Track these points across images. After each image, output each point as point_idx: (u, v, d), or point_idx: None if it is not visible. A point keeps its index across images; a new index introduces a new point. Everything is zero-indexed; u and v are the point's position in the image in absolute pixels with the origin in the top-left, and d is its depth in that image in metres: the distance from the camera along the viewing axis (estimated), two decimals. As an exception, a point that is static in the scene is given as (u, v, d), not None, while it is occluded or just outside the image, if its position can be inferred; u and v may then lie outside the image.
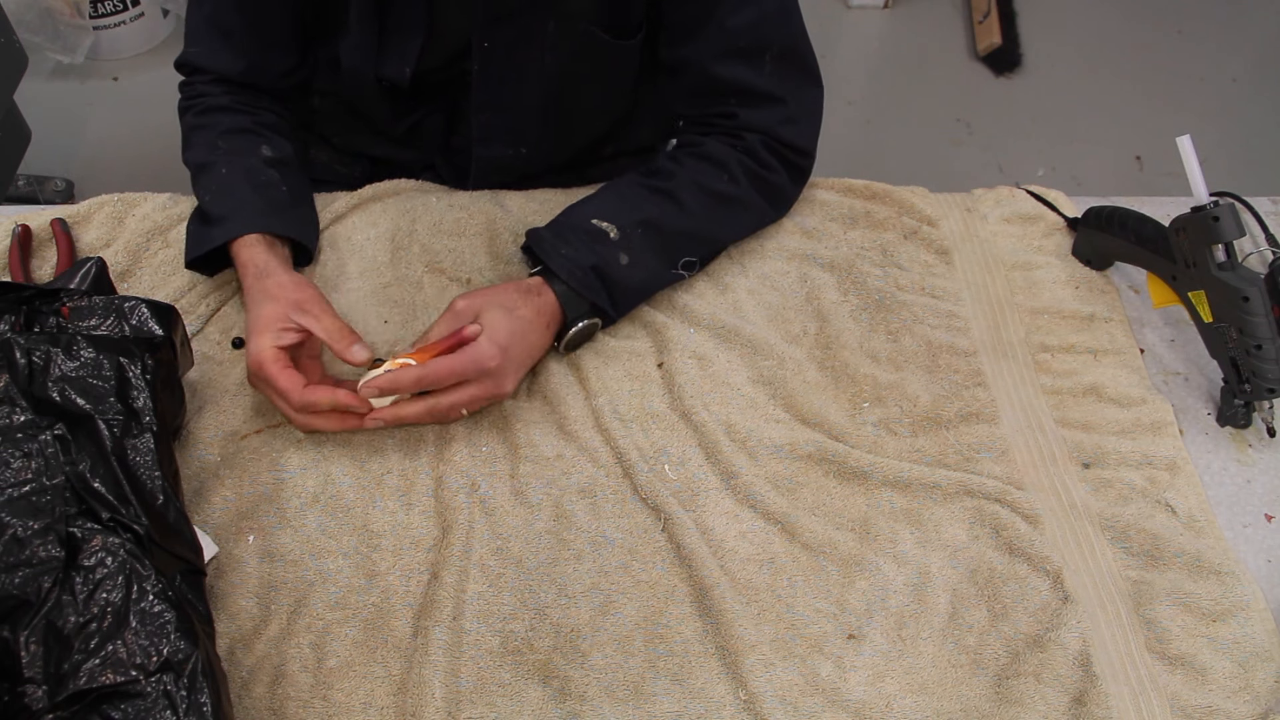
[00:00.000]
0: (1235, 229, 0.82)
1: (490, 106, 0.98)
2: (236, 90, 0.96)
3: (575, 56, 0.94)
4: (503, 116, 0.98)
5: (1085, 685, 0.72)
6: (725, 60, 0.91)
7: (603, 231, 0.88)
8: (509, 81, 0.95)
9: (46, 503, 0.63)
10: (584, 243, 0.87)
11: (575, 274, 0.85)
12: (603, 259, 0.86)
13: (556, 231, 0.88)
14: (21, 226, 0.92)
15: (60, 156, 2.08)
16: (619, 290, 0.88)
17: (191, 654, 0.61)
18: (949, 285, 0.96)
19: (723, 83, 0.93)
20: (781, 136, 0.94)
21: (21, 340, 0.68)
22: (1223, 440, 0.88)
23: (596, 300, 0.86)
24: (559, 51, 0.93)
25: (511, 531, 0.78)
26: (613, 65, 0.97)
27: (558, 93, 0.97)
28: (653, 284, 0.91)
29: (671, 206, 0.90)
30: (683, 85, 0.96)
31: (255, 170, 0.90)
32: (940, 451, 0.84)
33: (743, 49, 0.91)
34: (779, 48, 0.92)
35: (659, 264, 0.90)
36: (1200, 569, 0.78)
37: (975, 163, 2.21)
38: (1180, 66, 2.42)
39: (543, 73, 0.95)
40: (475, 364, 0.79)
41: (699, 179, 0.92)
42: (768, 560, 0.78)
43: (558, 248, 0.87)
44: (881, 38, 2.49)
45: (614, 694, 0.71)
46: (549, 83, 0.96)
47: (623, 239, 0.88)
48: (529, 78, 0.95)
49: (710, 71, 0.92)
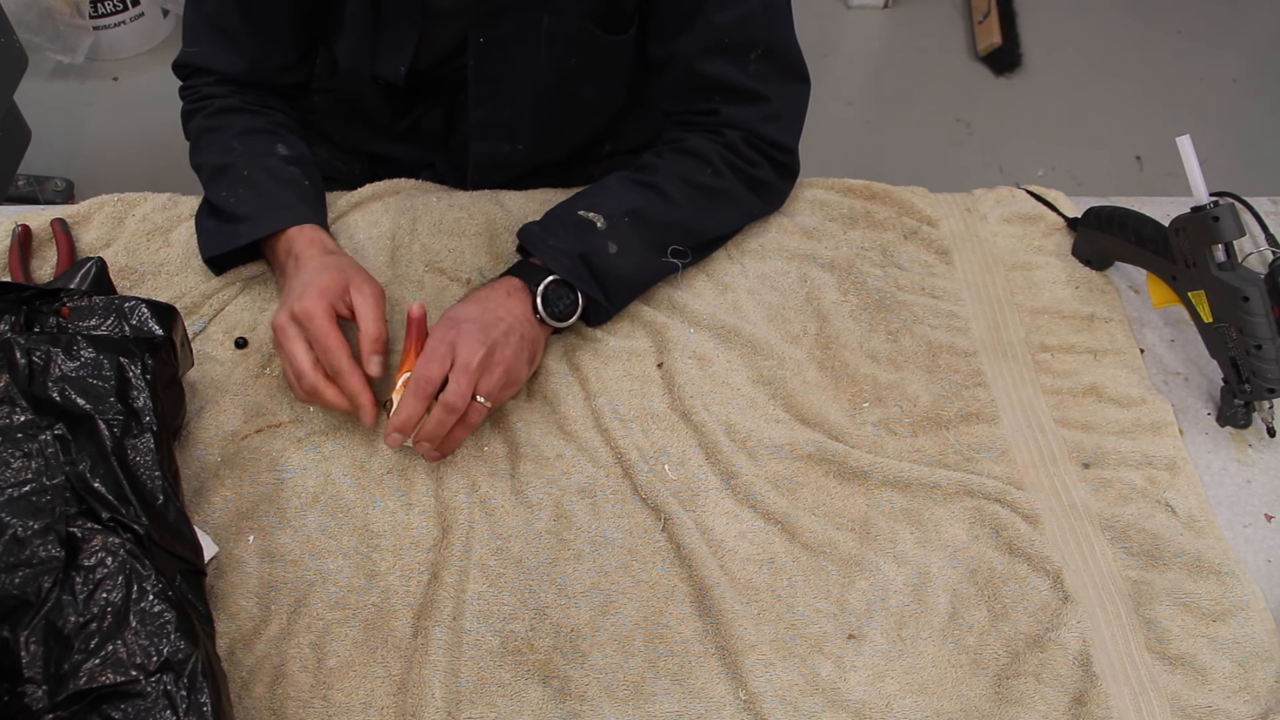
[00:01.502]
0: (1235, 229, 0.82)
1: (487, 102, 0.98)
2: (242, 90, 0.96)
3: (569, 51, 0.94)
4: (499, 112, 0.99)
5: (1085, 685, 0.72)
6: (710, 56, 0.92)
7: (589, 221, 0.88)
8: (505, 77, 0.96)
9: (46, 503, 0.63)
10: (570, 233, 0.87)
11: (563, 262, 0.85)
12: (590, 247, 0.87)
13: (544, 225, 0.89)
14: (21, 226, 0.92)
15: (60, 156, 2.08)
16: (609, 280, 0.88)
17: (191, 654, 0.61)
18: (949, 285, 0.96)
19: (707, 79, 0.93)
20: (762, 133, 0.94)
21: (21, 340, 0.68)
22: (1223, 440, 0.88)
23: (587, 289, 0.86)
24: (553, 46, 0.93)
25: (511, 531, 0.78)
26: (606, 60, 0.97)
27: (553, 88, 0.97)
28: (644, 274, 0.91)
29: (656, 198, 0.91)
30: (668, 81, 0.96)
31: (277, 169, 0.91)
32: (940, 451, 0.84)
33: (728, 46, 0.91)
34: (764, 46, 0.92)
35: (648, 253, 0.90)
36: (1200, 569, 0.78)
37: (975, 163, 2.21)
38: (1180, 66, 2.43)
39: (538, 68, 0.95)
40: (436, 337, 0.79)
41: (682, 172, 0.92)
42: (768, 560, 0.78)
43: (545, 239, 0.87)
44: (881, 38, 2.49)
45: (614, 694, 0.71)
46: (544, 78, 0.96)
47: (610, 229, 0.88)
48: (524, 73, 0.95)
49: (695, 68, 0.92)
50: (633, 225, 0.89)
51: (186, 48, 0.97)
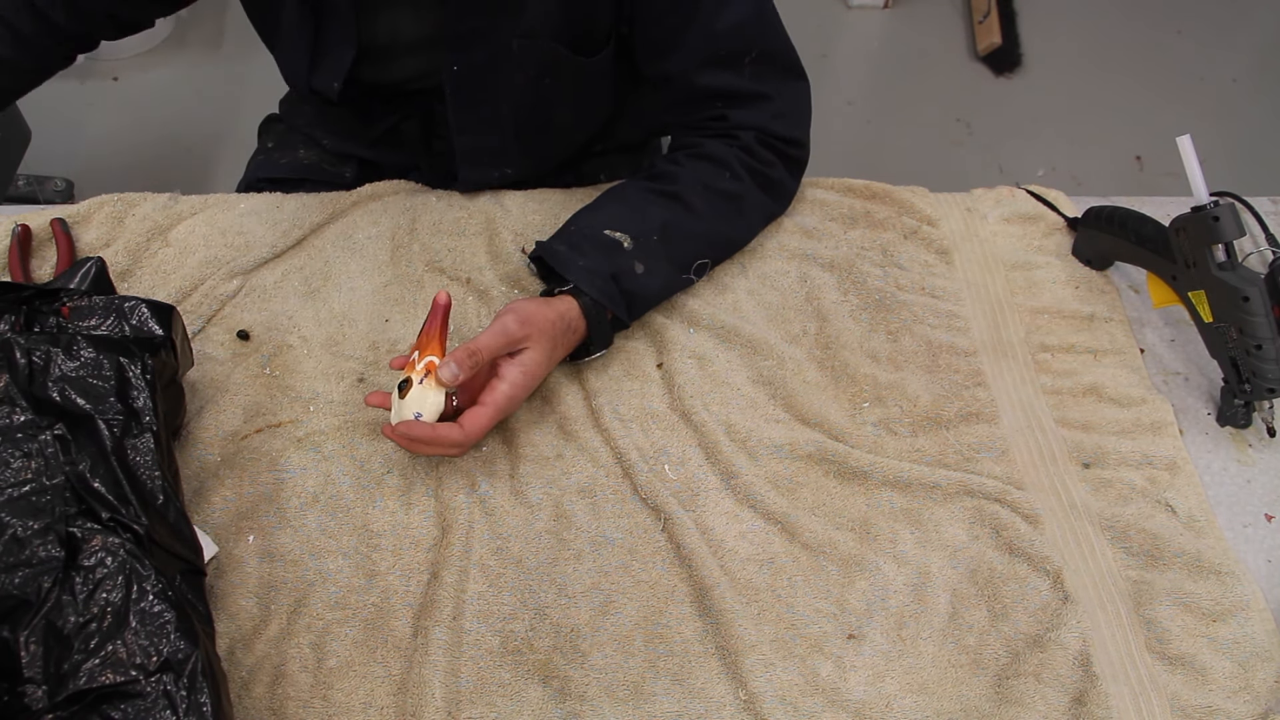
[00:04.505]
0: (1235, 229, 0.82)
1: (470, 129, 0.97)
2: None
3: (542, 74, 0.93)
4: (484, 139, 0.98)
5: (1085, 685, 0.72)
6: (707, 69, 0.92)
7: (616, 242, 0.87)
8: (484, 103, 0.95)
9: (46, 503, 0.63)
10: (599, 253, 0.86)
11: (596, 283, 0.85)
12: (619, 268, 0.86)
13: (570, 243, 0.88)
14: (21, 226, 0.92)
15: (60, 156, 2.08)
16: (635, 299, 0.88)
17: (191, 654, 0.61)
18: (949, 285, 0.96)
19: (708, 90, 0.93)
20: (774, 131, 0.94)
21: (21, 340, 0.68)
22: (1223, 440, 0.88)
23: (615, 310, 0.86)
24: (525, 70, 0.92)
25: (511, 531, 0.78)
26: (583, 81, 0.97)
27: (530, 108, 0.97)
28: (666, 292, 0.91)
29: (681, 210, 0.91)
30: (668, 97, 0.96)
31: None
32: (940, 451, 0.84)
33: (723, 56, 0.91)
34: (757, 51, 0.92)
35: (672, 271, 0.90)
36: (1200, 569, 0.78)
37: (975, 163, 2.21)
38: (1180, 66, 2.42)
39: (514, 91, 0.94)
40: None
41: (704, 179, 0.92)
42: (768, 560, 0.78)
43: (574, 259, 0.86)
44: (881, 38, 2.49)
45: (614, 694, 0.71)
46: (522, 99, 0.95)
47: (636, 248, 0.87)
48: (502, 97, 0.95)
49: (694, 82, 0.93)
50: (660, 243, 0.89)
51: None
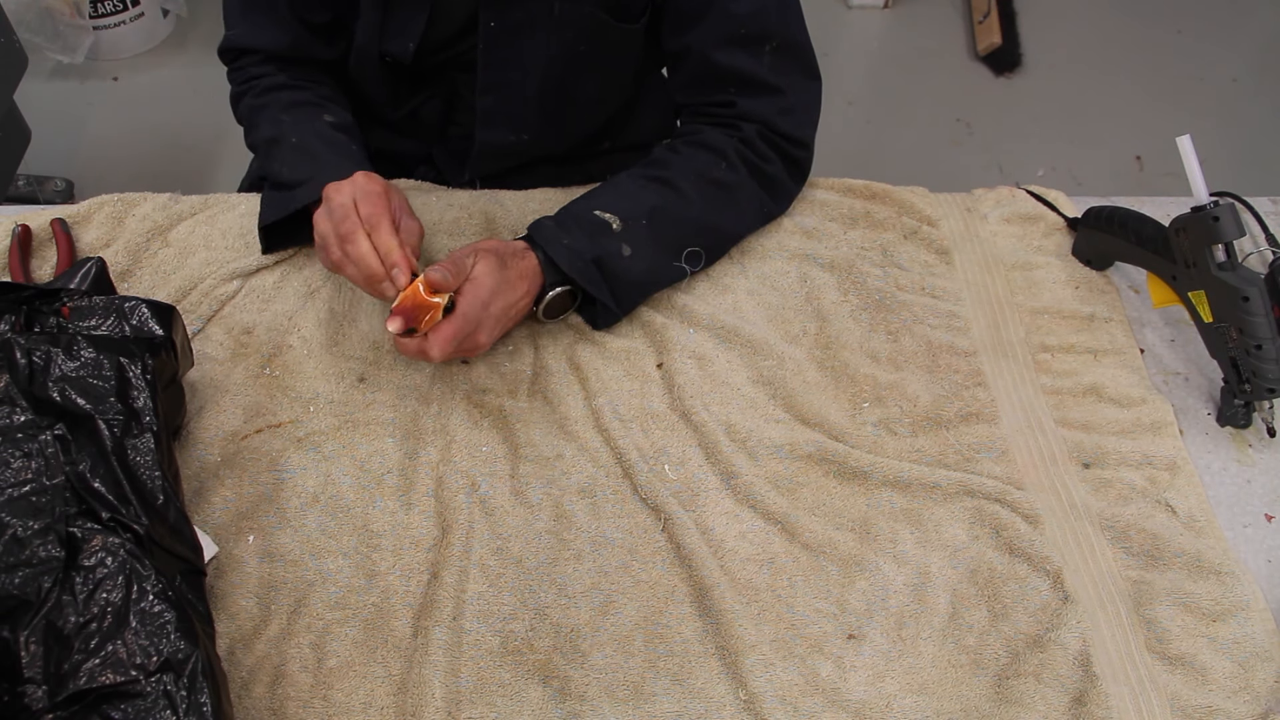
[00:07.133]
0: (1235, 229, 0.82)
1: (494, 89, 0.98)
2: (287, 66, 0.98)
3: (578, 39, 0.95)
4: (506, 100, 0.99)
5: (1085, 685, 0.72)
6: (726, 47, 0.92)
7: (605, 223, 0.88)
8: (512, 64, 0.96)
9: (46, 503, 0.63)
10: (586, 234, 0.87)
11: (576, 265, 0.86)
12: (605, 250, 0.87)
13: (558, 220, 0.89)
14: (21, 226, 0.92)
15: (60, 156, 2.08)
16: (621, 284, 0.88)
17: (191, 654, 0.61)
18: (949, 285, 0.96)
19: (722, 70, 0.94)
20: (778, 126, 0.95)
21: (21, 340, 0.68)
22: (1223, 440, 0.88)
23: (598, 294, 0.86)
24: (563, 33, 0.94)
25: (511, 531, 0.78)
26: (615, 49, 0.98)
27: (559, 76, 0.98)
28: (655, 277, 0.91)
29: (671, 194, 0.91)
30: (684, 73, 0.97)
31: (324, 134, 0.92)
32: (940, 451, 0.84)
33: (743, 37, 0.92)
34: (779, 39, 0.93)
35: (661, 255, 0.90)
36: (1200, 569, 0.78)
37: (975, 163, 2.21)
38: (1180, 66, 2.43)
39: (546, 55, 0.95)
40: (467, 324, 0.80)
41: (696, 166, 0.93)
42: (768, 560, 0.78)
43: (559, 237, 0.87)
44: (881, 38, 2.49)
45: (614, 694, 0.71)
46: (551, 65, 0.96)
47: (625, 230, 0.88)
48: (532, 60, 0.96)
49: (711, 58, 0.93)
50: (649, 226, 0.89)
51: (229, 31, 0.98)
